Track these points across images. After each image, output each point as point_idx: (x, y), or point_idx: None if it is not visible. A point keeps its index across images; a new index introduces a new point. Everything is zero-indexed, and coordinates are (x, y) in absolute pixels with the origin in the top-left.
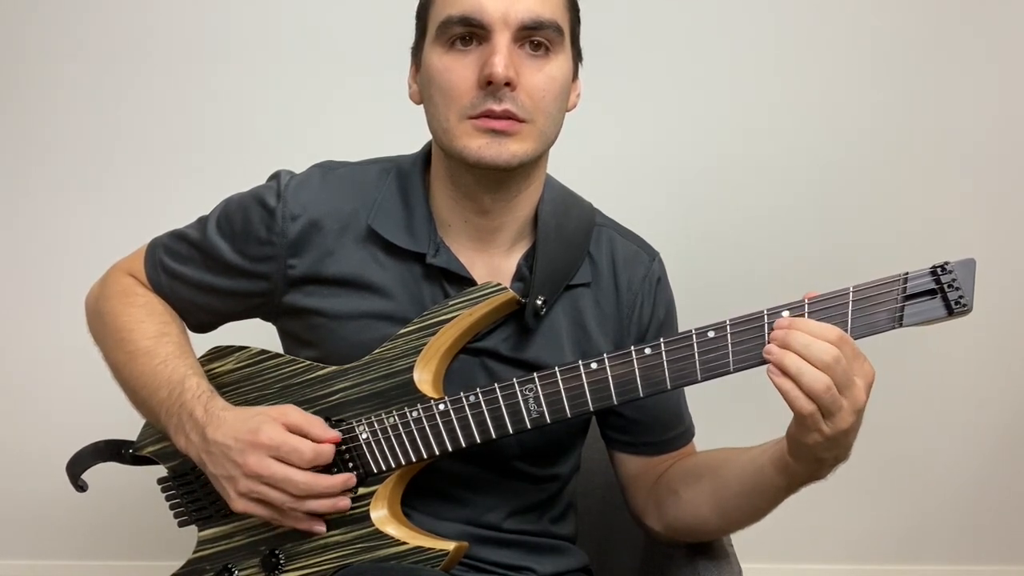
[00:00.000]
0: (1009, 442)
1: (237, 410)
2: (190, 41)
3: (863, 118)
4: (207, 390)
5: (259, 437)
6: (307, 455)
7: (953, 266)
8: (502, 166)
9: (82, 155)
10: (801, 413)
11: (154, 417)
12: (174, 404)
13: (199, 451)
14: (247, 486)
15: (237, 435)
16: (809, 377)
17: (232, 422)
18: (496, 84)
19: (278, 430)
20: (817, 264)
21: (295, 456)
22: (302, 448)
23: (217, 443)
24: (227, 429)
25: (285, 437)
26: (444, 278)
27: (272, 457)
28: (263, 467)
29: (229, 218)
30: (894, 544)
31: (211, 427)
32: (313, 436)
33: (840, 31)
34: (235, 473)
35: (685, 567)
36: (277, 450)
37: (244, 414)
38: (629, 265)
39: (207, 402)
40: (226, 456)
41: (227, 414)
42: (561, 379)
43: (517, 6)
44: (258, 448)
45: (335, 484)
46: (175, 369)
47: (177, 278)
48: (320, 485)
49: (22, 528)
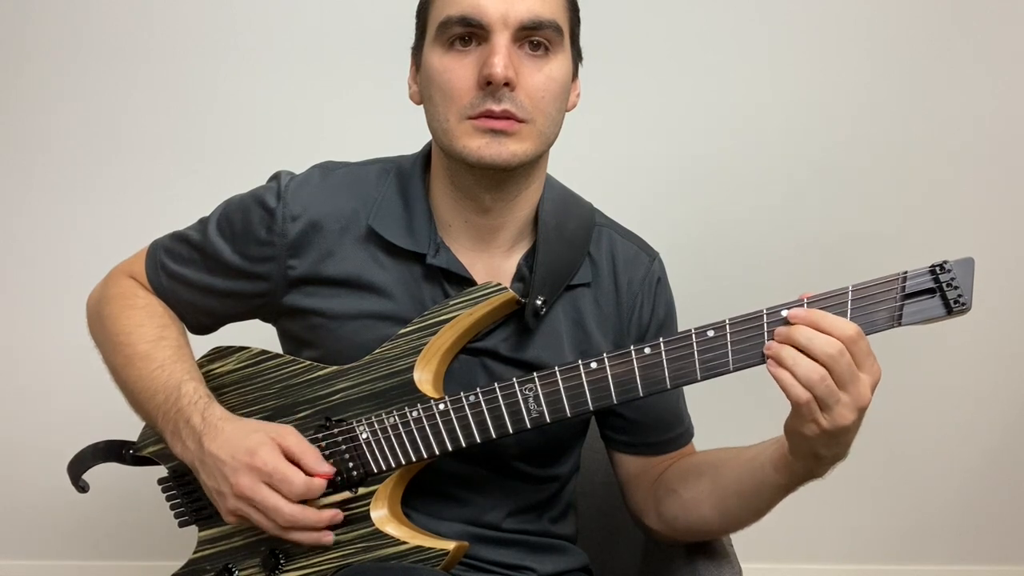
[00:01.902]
0: (1009, 442)
1: (236, 423)
2: (190, 41)
3: (863, 117)
4: (204, 396)
5: (255, 460)
6: (298, 488)
7: (952, 265)
8: (501, 166)
9: (82, 155)
10: (797, 402)
11: (151, 421)
12: (171, 409)
13: (194, 459)
14: (235, 505)
15: (234, 452)
16: (804, 367)
17: (230, 436)
18: (495, 84)
19: (274, 455)
20: (816, 263)
21: (285, 487)
22: (295, 480)
23: (212, 455)
24: (223, 443)
25: (279, 464)
26: (444, 278)
27: (264, 483)
28: (254, 491)
29: (229, 219)
30: (894, 544)
31: (207, 437)
32: (307, 467)
33: (840, 30)
34: (225, 490)
35: (685, 567)
36: (270, 476)
37: (243, 429)
38: (629, 266)
39: (204, 409)
40: (219, 471)
41: (226, 425)
42: (561, 379)
43: (517, 6)
44: (252, 471)
45: (321, 520)
46: (172, 374)
47: (177, 280)
48: (306, 520)
49: (22, 528)
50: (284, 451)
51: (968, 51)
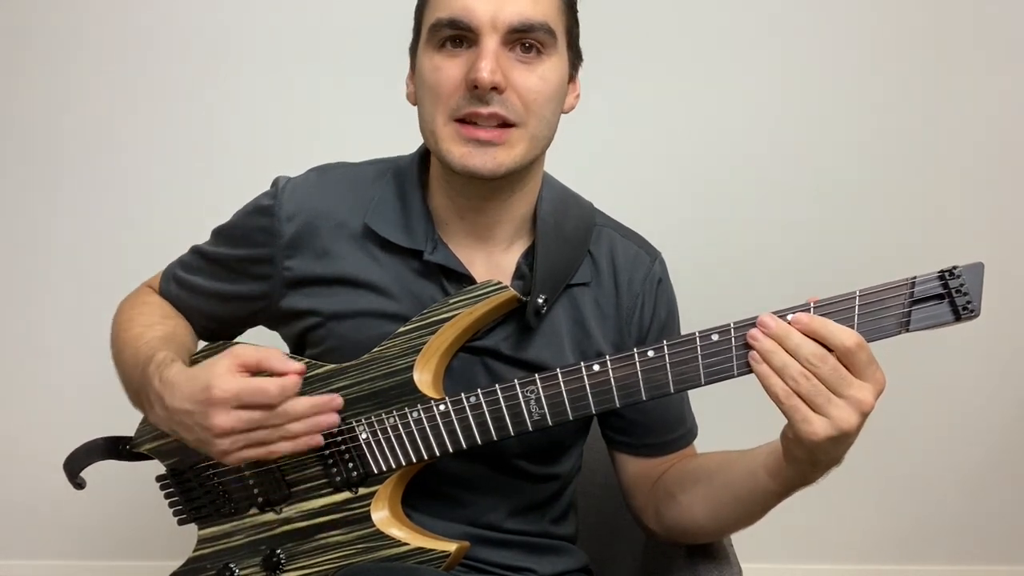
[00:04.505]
0: (1010, 442)
1: (188, 370)
2: (190, 42)
3: (872, 120)
4: (167, 360)
5: (214, 393)
6: (272, 391)
7: (961, 270)
8: (487, 175)
9: (82, 155)
10: (775, 397)
11: (138, 404)
12: (143, 382)
13: (169, 422)
14: (225, 445)
15: (193, 397)
16: (792, 369)
17: (183, 384)
18: (482, 89)
19: (231, 378)
20: (823, 267)
21: (260, 397)
22: (266, 388)
23: (176, 410)
24: (181, 393)
25: (241, 383)
26: (443, 275)
27: (237, 408)
28: (232, 421)
29: (232, 225)
30: (894, 544)
31: (167, 395)
32: (273, 370)
33: (846, 30)
34: (206, 437)
35: (685, 567)
36: (239, 399)
37: (193, 371)
38: (629, 266)
39: (163, 371)
40: (192, 422)
41: (179, 376)
42: (563, 381)
43: (506, 9)
44: (219, 404)
45: (316, 404)
46: (149, 346)
47: (185, 287)
48: (299, 408)
49: (21, 528)
50: (243, 367)
51: (975, 54)
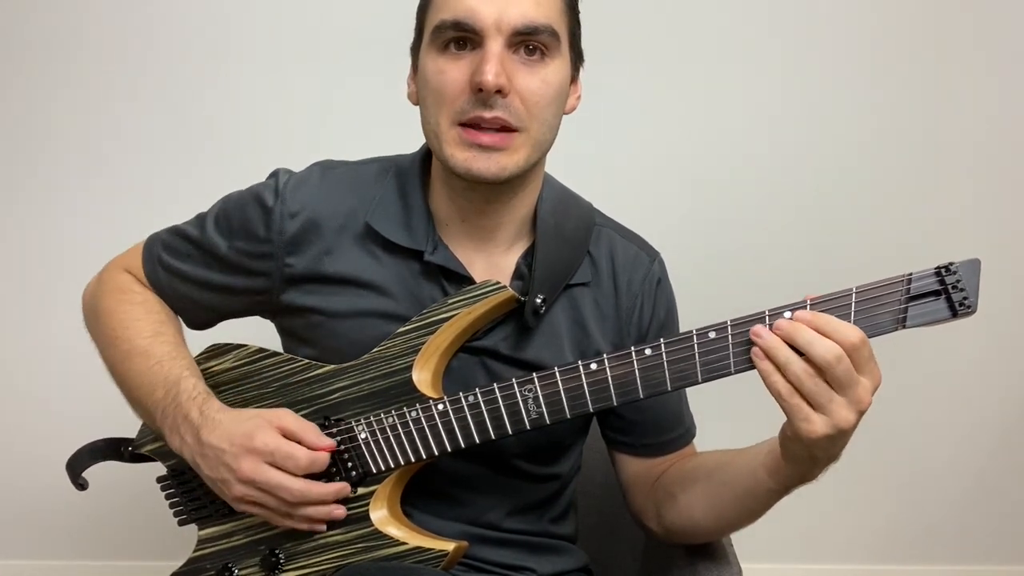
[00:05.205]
0: (1010, 442)
1: (232, 412)
2: (189, 39)
3: (868, 118)
4: (203, 392)
5: (254, 442)
6: (302, 462)
7: (958, 267)
8: (490, 180)
9: (80, 152)
10: (778, 395)
11: (149, 417)
12: (169, 405)
13: (193, 453)
14: (242, 491)
15: (232, 439)
16: (796, 368)
17: (227, 425)
18: (487, 92)
19: (273, 435)
20: (820, 264)
21: (290, 463)
22: (297, 455)
23: (211, 446)
24: (221, 432)
25: (280, 443)
26: (443, 276)
27: (267, 463)
28: (258, 473)
29: (227, 215)
30: (894, 544)
31: (205, 429)
32: (308, 443)
33: (845, 33)
34: (229, 477)
35: (685, 567)
36: (272, 456)
37: (239, 417)
38: (629, 266)
39: (202, 404)
40: (220, 460)
41: (222, 416)
42: (560, 380)
43: (511, 11)
44: (253, 453)
45: (329, 492)
46: (171, 370)
47: (175, 275)
48: (315, 493)
49: (22, 528)
50: (282, 431)
51: (975, 54)
